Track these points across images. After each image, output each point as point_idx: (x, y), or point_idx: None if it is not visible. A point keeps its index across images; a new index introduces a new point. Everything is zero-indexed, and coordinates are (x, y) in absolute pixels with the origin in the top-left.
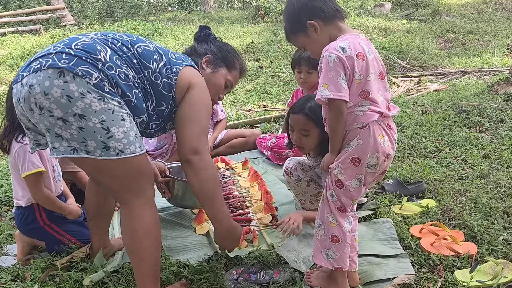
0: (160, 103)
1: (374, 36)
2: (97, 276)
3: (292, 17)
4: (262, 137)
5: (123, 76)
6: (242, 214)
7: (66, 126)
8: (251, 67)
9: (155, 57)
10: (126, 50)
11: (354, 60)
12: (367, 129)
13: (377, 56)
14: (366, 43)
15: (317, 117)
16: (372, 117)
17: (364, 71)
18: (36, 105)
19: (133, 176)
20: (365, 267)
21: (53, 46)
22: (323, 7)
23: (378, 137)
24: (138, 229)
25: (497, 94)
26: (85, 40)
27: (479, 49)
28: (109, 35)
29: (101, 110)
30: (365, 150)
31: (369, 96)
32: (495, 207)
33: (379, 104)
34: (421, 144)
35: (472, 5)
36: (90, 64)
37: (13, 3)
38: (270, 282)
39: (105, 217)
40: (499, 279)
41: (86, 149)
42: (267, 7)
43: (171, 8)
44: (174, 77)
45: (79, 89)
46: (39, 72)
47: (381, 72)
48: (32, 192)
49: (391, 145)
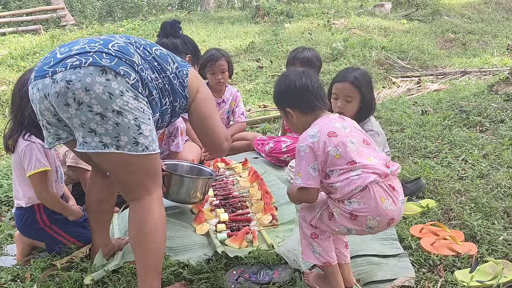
0: (175, 99)
1: (374, 36)
2: (98, 275)
3: (277, 94)
4: (259, 138)
5: (150, 78)
6: (242, 214)
7: (103, 121)
8: (251, 67)
9: (169, 60)
10: (148, 53)
11: (325, 141)
12: (368, 192)
13: (356, 127)
14: (340, 121)
15: (361, 85)
16: (368, 178)
17: (341, 145)
18: (74, 100)
19: (149, 173)
20: (365, 267)
21: (86, 44)
22: (304, 100)
23: (380, 199)
24: (146, 222)
25: (497, 94)
26: (118, 42)
27: (479, 49)
28: (131, 39)
29: (135, 108)
30: (365, 212)
31: (356, 164)
32: (495, 207)
33: (372, 166)
34: (421, 144)
35: (472, 5)
36: (128, 65)
37: (13, 3)
38: (270, 282)
39: (106, 213)
40: (499, 279)
41: (118, 144)
42: (267, 7)
43: (171, 8)
44: (186, 78)
45: (119, 87)
46: (78, 69)
47: (363, 140)
48: (37, 191)
49: (396, 208)
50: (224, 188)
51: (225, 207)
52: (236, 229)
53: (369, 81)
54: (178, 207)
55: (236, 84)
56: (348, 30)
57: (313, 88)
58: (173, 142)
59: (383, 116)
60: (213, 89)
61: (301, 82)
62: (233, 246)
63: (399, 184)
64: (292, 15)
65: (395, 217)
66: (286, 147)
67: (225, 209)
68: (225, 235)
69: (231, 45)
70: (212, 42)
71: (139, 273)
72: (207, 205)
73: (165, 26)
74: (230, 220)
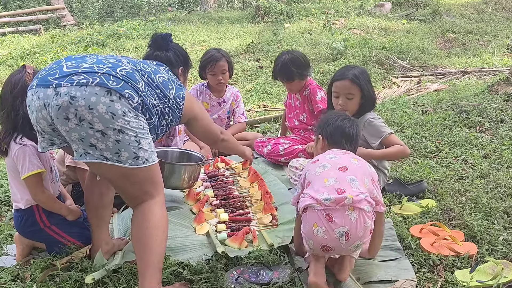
0: (172, 121)
1: (374, 36)
2: (99, 274)
3: (321, 122)
4: (259, 140)
5: (151, 104)
6: (242, 214)
7: (104, 138)
8: (251, 67)
9: (170, 87)
10: (151, 81)
11: (309, 166)
12: (306, 214)
13: (343, 158)
14: (330, 153)
15: (360, 82)
16: (306, 201)
17: (312, 169)
18: (75, 115)
19: (152, 181)
20: (365, 267)
21: (95, 65)
22: (338, 139)
23: (313, 225)
24: (148, 219)
25: (497, 94)
26: (126, 68)
27: (479, 49)
28: (137, 66)
29: (136, 126)
30: (304, 232)
31: (308, 186)
32: (495, 207)
33: (318, 190)
34: (421, 144)
35: (472, 5)
36: (133, 89)
37: (13, 3)
38: (270, 283)
39: (106, 207)
40: (499, 279)
41: (119, 159)
42: (267, 7)
43: (171, 8)
44: (182, 102)
45: (122, 108)
46: (84, 87)
47: (343, 166)
48: (33, 194)
49: (330, 238)
50: (224, 188)
51: (225, 207)
52: (236, 229)
53: (368, 78)
54: (178, 207)
55: (236, 84)
56: (348, 30)
57: (350, 134)
58: (172, 142)
59: (383, 116)
60: (214, 89)
61: (343, 123)
62: (233, 246)
63: (343, 217)
64: (292, 15)
65: (332, 247)
66: (284, 150)
67: (225, 209)
68: (225, 235)
69: (231, 45)
70: (212, 42)
71: (139, 270)
72: (207, 205)
73: (157, 38)
74: (230, 220)
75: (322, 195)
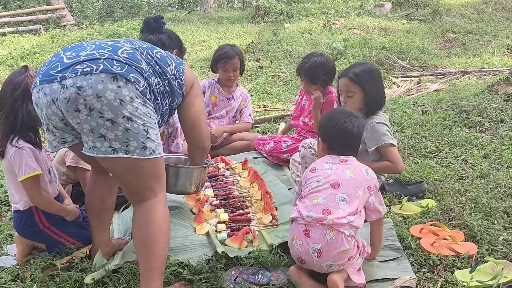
0: (174, 100)
1: (374, 36)
2: (99, 274)
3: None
4: (260, 138)
5: (154, 83)
6: (242, 214)
7: (113, 127)
8: (251, 67)
9: (168, 62)
10: (150, 58)
11: (307, 175)
12: (291, 225)
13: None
14: (327, 160)
15: (360, 81)
16: (293, 214)
17: (308, 181)
18: (85, 106)
19: (156, 176)
20: (365, 267)
21: (95, 51)
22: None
23: (293, 237)
24: (152, 222)
25: (497, 94)
26: (126, 49)
27: (479, 49)
28: (134, 43)
29: (144, 113)
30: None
31: (302, 199)
32: (495, 207)
33: (307, 206)
34: (421, 144)
35: (472, 5)
36: (138, 72)
37: (13, 3)
38: (269, 284)
39: (108, 211)
40: (499, 279)
41: (127, 148)
42: (267, 7)
43: (171, 8)
44: (182, 76)
45: (129, 94)
46: (89, 75)
47: (336, 183)
48: (30, 196)
49: (304, 252)
50: (224, 188)
51: (225, 207)
52: (236, 229)
53: (372, 76)
54: (178, 207)
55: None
56: (348, 30)
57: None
58: (173, 143)
59: None
60: (223, 84)
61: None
62: (233, 246)
63: (320, 234)
64: (292, 15)
65: (305, 260)
66: (287, 147)
67: (225, 209)
68: (225, 235)
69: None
70: (212, 42)
71: (142, 273)
72: (207, 205)
73: (149, 22)
74: (230, 220)
75: (307, 212)
